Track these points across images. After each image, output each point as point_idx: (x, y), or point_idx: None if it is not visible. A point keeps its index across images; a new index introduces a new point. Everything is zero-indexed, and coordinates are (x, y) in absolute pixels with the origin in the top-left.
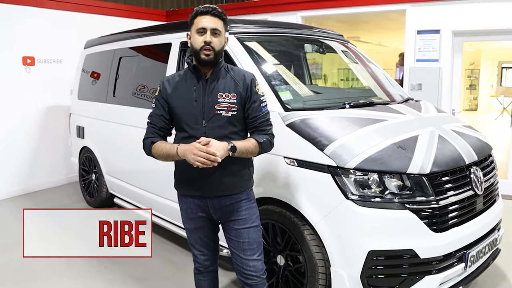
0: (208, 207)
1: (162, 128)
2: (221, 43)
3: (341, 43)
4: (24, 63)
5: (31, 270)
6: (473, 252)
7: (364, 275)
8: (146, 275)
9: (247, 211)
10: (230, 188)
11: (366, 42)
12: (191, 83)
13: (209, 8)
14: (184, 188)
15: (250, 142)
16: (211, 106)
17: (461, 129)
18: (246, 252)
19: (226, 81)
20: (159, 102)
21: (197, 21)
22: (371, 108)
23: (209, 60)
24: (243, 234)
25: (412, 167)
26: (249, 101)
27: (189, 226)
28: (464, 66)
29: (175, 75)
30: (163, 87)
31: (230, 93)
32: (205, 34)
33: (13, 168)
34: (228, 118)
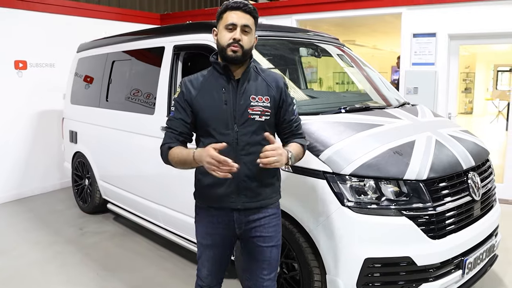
0: (234, 221)
1: (183, 133)
2: (251, 42)
3: (337, 47)
4: (16, 67)
5: (22, 277)
6: (470, 259)
7: (361, 283)
8: (139, 282)
9: (275, 228)
10: (262, 199)
11: (362, 46)
12: (219, 84)
13: (241, 4)
14: (207, 198)
15: (298, 147)
16: (243, 109)
17: (458, 133)
18: (264, 271)
19: (257, 83)
20: (180, 105)
21: (226, 16)
22: (367, 113)
23: (236, 58)
24: (266, 252)
25: (409, 173)
26: (284, 104)
27: (205, 242)
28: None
29: (198, 76)
30: (186, 88)
31: (264, 96)
32: (234, 31)
33: (5, 173)
34: (261, 123)
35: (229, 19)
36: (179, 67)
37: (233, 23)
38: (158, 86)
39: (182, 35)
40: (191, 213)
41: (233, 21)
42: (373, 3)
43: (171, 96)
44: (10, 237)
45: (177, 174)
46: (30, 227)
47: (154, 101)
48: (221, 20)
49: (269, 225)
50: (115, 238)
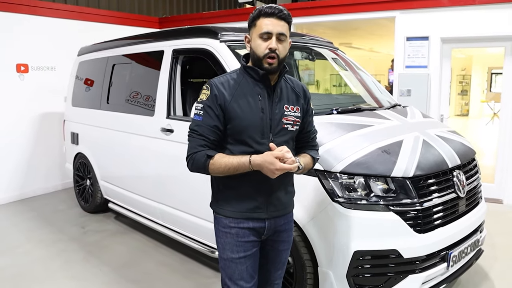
0: (264, 228)
1: (215, 142)
2: (286, 50)
3: (331, 50)
4: (18, 71)
5: (27, 274)
6: (455, 252)
7: (350, 275)
8: (139, 277)
9: (291, 233)
10: (287, 206)
11: (358, 48)
12: (254, 91)
13: (275, 10)
14: (239, 210)
15: (309, 159)
16: (279, 118)
17: (445, 134)
18: (277, 271)
19: (288, 92)
20: (212, 110)
21: (260, 24)
22: (358, 114)
23: (272, 69)
24: (283, 255)
25: (396, 171)
26: (307, 114)
27: (236, 255)
28: (455, 72)
29: (228, 78)
30: (219, 91)
31: (295, 106)
32: (270, 40)
33: (8, 174)
34: (292, 133)
35: (264, 27)
36: (178, 70)
37: (268, 31)
38: (157, 89)
39: (181, 39)
40: (189, 210)
41: (268, 29)
42: (367, 7)
43: (171, 98)
44: (14, 236)
45: (175, 174)
46: (33, 226)
47: (154, 103)
48: (254, 28)
49: (289, 230)
50: (116, 236)
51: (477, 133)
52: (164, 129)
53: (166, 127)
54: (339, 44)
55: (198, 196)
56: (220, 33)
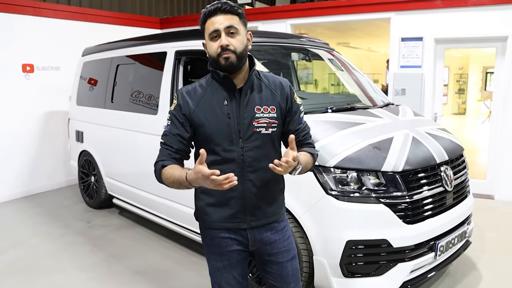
0: (247, 239)
1: (179, 150)
2: (242, 42)
3: (327, 51)
4: (23, 71)
5: (36, 266)
6: (442, 243)
7: (343, 263)
8: (144, 269)
9: (288, 241)
10: (273, 215)
11: (356, 48)
12: (220, 95)
13: (218, 5)
14: (216, 220)
15: (308, 157)
16: (248, 123)
17: (435, 131)
18: (289, 284)
19: (261, 92)
20: (177, 118)
21: (208, 25)
22: (352, 112)
23: (231, 65)
24: (288, 266)
25: (386, 166)
26: (290, 113)
27: (219, 264)
28: (453, 71)
29: (196, 86)
30: (183, 100)
31: (269, 106)
32: (219, 38)
33: (14, 171)
34: (268, 135)
35: (211, 27)
36: (180, 71)
37: (215, 29)
38: (161, 88)
39: (183, 41)
40: (191, 204)
41: (214, 27)
42: (363, 9)
43: (173, 97)
44: (22, 231)
45: None
46: (40, 221)
47: (158, 102)
48: (205, 31)
49: (283, 239)
50: (120, 230)
51: (473, 131)
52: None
53: None
54: (336, 44)
55: None
56: None
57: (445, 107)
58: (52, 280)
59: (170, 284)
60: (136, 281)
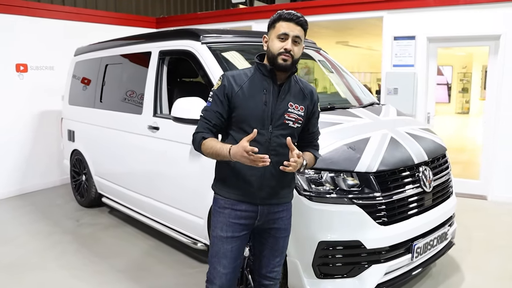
0: (257, 213)
1: (216, 126)
2: (300, 52)
3: (315, 51)
4: (17, 70)
5: (22, 263)
6: (419, 244)
7: (316, 264)
8: (127, 267)
9: (289, 221)
10: (283, 197)
11: (356, 47)
12: (261, 85)
13: (294, 16)
14: (235, 192)
15: (312, 157)
16: (281, 113)
17: (416, 131)
18: (276, 258)
19: (296, 92)
20: (219, 97)
21: (279, 26)
22: (330, 112)
23: (286, 66)
24: (280, 242)
25: (359, 166)
26: (313, 116)
27: (224, 234)
28: (456, 69)
29: (241, 73)
30: (228, 82)
31: (299, 105)
32: (286, 41)
33: (8, 170)
34: (293, 129)
35: (282, 29)
36: (164, 71)
37: (285, 33)
38: (145, 88)
39: (167, 41)
40: (174, 204)
41: (285, 31)
42: (355, 8)
43: (157, 98)
44: (13, 228)
45: (160, 169)
46: (31, 219)
47: (142, 102)
48: (273, 29)
49: (286, 218)
50: (108, 229)
51: (475, 131)
52: (151, 127)
53: (153, 124)
54: (335, 43)
55: (181, 190)
56: (202, 35)
57: (448, 107)
58: (36, 277)
59: (149, 282)
60: (117, 279)
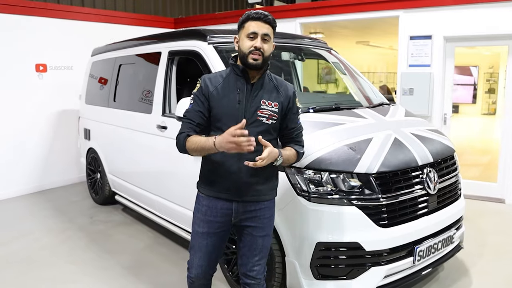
0: (232, 210)
1: (200, 125)
2: (270, 50)
3: (326, 51)
4: (37, 70)
5: (34, 258)
6: (422, 247)
7: (314, 265)
8: (133, 264)
9: (267, 220)
10: (260, 194)
11: (377, 46)
12: (235, 85)
13: (261, 15)
14: (211, 188)
15: (292, 152)
16: (253, 111)
17: (423, 132)
18: (255, 257)
19: (270, 89)
20: (199, 98)
21: (247, 26)
22: (334, 113)
23: (257, 65)
24: (259, 241)
25: (359, 167)
26: (290, 112)
27: (200, 229)
28: (483, 69)
29: (217, 75)
30: (205, 84)
31: (273, 102)
32: (255, 39)
33: (28, 167)
34: (268, 125)
35: (251, 28)
36: (173, 71)
37: (254, 31)
38: (155, 88)
39: (176, 41)
40: (181, 202)
41: (254, 30)
42: (371, 7)
43: (166, 97)
44: (30, 223)
45: (168, 168)
46: (48, 215)
47: (152, 101)
48: (242, 29)
49: (263, 217)
50: (120, 227)
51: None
52: (160, 126)
53: (161, 124)
54: (356, 43)
55: (187, 189)
56: (209, 36)
57: (474, 107)
58: (45, 272)
59: (153, 279)
60: (122, 276)
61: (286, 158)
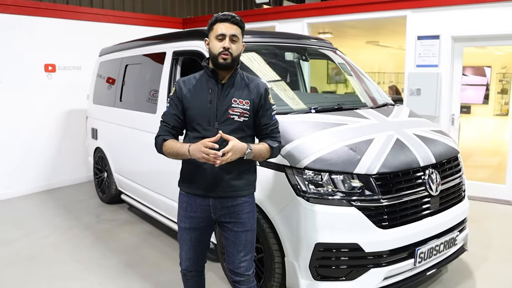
0: (209, 206)
1: (175, 127)
2: (239, 49)
3: (331, 51)
4: (46, 70)
5: (39, 256)
6: (423, 249)
7: (313, 265)
8: (136, 262)
9: (248, 215)
10: (235, 190)
11: (387, 47)
12: (207, 86)
13: (229, 16)
14: (189, 186)
15: (264, 146)
16: (224, 110)
17: (426, 133)
18: (240, 253)
19: (241, 88)
20: (174, 101)
21: (216, 28)
22: (336, 113)
23: (227, 65)
24: (241, 236)
25: (359, 168)
26: (262, 109)
27: (183, 225)
28: (495, 70)
29: (191, 77)
30: (179, 87)
31: (244, 100)
32: (224, 40)
33: (37, 166)
34: (240, 123)
35: (219, 30)
36: (177, 71)
37: (222, 33)
38: (159, 88)
39: (180, 42)
40: None
41: (222, 31)
42: (379, 7)
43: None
44: (36, 222)
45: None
46: (55, 213)
47: (157, 101)
48: (212, 31)
49: (242, 212)
50: (125, 225)
51: None
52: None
53: None
54: (366, 43)
55: None
56: None
57: (486, 108)
58: (49, 270)
59: (154, 277)
60: (124, 274)
61: (257, 151)
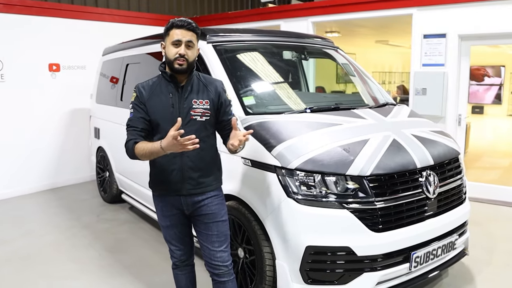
0: (181, 203)
1: (144, 129)
2: (194, 55)
3: (332, 49)
4: (50, 70)
5: (37, 255)
6: (419, 253)
7: (303, 269)
8: (132, 263)
9: (217, 207)
10: (203, 186)
11: (396, 46)
12: (167, 90)
13: (185, 22)
14: (160, 187)
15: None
16: (187, 111)
17: (425, 134)
18: (214, 244)
19: (199, 89)
20: (138, 106)
21: (172, 33)
22: (332, 113)
23: (182, 70)
24: (212, 227)
25: (352, 169)
26: (223, 106)
27: (164, 224)
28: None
29: (149, 82)
30: (139, 92)
31: (204, 100)
32: (180, 46)
33: (41, 165)
34: (202, 122)
35: (175, 36)
36: None
37: (178, 39)
38: None
39: None
40: None
41: (178, 38)
42: (384, 5)
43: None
44: (38, 220)
45: None
46: (57, 212)
47: None
48: (167, 37)
49: (212, 204)
50: (125, 225)
51: None
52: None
53: None
54: (375, 42)
55: None
56: (208, 35)
57: (499, 108)
58: (45, 269)
59: (150, 277)
60: (120, 274)
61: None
